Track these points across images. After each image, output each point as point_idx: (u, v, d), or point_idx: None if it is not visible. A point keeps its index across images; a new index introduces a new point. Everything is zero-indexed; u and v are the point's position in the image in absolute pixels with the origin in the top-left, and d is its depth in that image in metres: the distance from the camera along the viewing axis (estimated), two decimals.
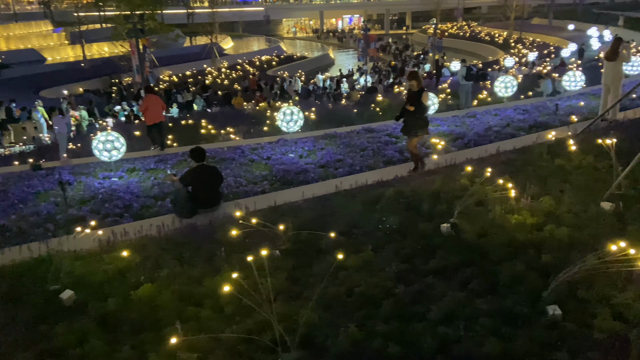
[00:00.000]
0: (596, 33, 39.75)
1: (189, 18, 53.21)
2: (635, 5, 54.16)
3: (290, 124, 12.63)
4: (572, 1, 66.31)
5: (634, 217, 5.16)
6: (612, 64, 10.18)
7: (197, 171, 7.36)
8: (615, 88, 10.18)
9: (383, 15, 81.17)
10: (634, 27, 41.24)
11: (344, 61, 49.45)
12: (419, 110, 7.95)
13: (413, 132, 8.11)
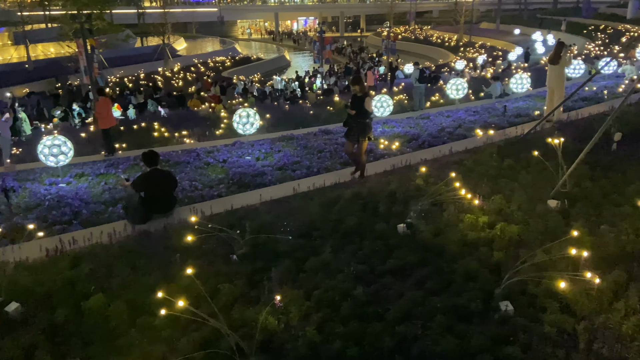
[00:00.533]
0: (540, 37, 41.56)
1: (140, 18, 51.74)
2: (577, 11, 57.06)
3: (247, 126, 12.51)
4: (518, 7, 69.18)
5: (577, 213, 5.41)
6: (556, 67, 10.65)
7: (150, 175, 7.15)
8: (559, 90, 10.66)
9: (338, 17, 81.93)
10: (575, 32, 43.48)
11: (300, 63, 49.54)
12: (362, 115, 7.90)
13: (356, 137, 8.05)
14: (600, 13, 52.57)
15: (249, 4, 79.42)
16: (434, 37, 57.14)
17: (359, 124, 7.97)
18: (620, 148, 7.37)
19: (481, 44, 48.17)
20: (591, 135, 6.98)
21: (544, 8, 68.42)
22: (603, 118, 9.52)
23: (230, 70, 38.36)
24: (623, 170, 6.48)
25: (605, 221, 5.12)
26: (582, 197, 5.83)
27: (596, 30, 41.26)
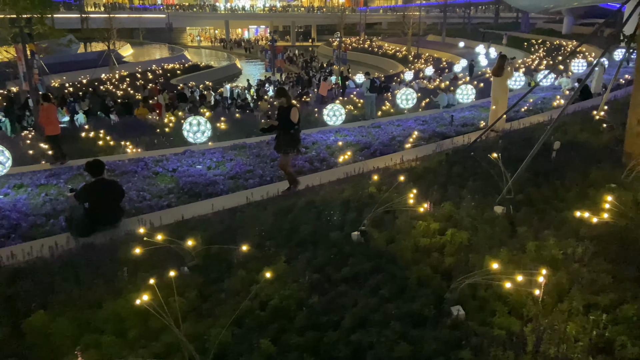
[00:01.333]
0: (483, 50, 43.43)
1: (84, 23, 49.89)
2: (516, 25, 60.05)
3: (198, 134, 12.29)
4: (462, 20, 72.04)
5: (522, 219, 5.63)
6: (499, 79, 11.13)
7: (95, 186, 6.85)
8: (502, 101, 11.14)
9: (289, 27, 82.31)
10: (515, 45, 45.67)
11: (252, 71, 49.30)
12: (288, 127, 7.79)
13: (284, 149, 7.91)
14: (538, 28, 55.60)
15: (199, 11, 78.32)
16: (384, 48, 58.43)
17: (286, 136, 7.84)
18: (559, 156, 7.75)
19: (428, 55, 49.68)
20: (532, 143, 7.32)
21: (486, 22, 71.62)
22: (543, 128, 10.02)
23: (179, 77, 37.63)
24: (562, 177, 6.81)
25: (548, 226, 5.35)
26: (526, 203, 6.07)
27: (534, 44, 43.52)
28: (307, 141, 12.34)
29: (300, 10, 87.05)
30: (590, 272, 4.34)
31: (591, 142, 8.63)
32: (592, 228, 5.17)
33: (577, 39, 41.16)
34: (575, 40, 40.39)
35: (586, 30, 45.83)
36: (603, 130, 9.40)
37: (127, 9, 67.48)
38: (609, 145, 8.34)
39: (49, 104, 11.65)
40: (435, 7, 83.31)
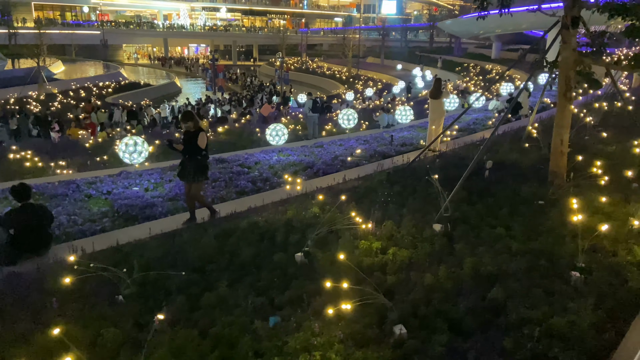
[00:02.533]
0: (420, 73, 45.21)
1: (11, 39, 47.29)
2: (450, 50, 63.20)
3: (134, 155, 11.84)
4: (399, 44, 74.89)
5: (459, 236, 5.83)
6: (436, 101, 11.60)
7: (21, 211, 6.40)
8: (439, 122, 11.59)
9: (230, 46, 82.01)
10: (449, 69, 47.97)
11: (192, 90, 48.53)
12: (195, 153, 7.35)
13: (190, 177, 7.40)
14: (470, 52, 58.77)
15: (136, 28, 76.33)
16: (325, 68, 59.47)
17: (192, 162, 7.37)
18: (492, 175, 8.14)
19: (368, 77, 51.07)
20: (467, 163, 7.65)
21: (422, 46, 74.83)
22: (476, 147, 10.51)
23: (115, 95, 36.36)
24: (495, 195, 7.14)
25: (483, 242, 5.57)
26: (462, 221, 6.30)
27: (467, 67, 45.92)
28: (250, 161, 12.24)
29: (242, 30, 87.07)
30: (524, 286, 4.53)
31: (520, 161, 9.13)
32: (523, 243, 5.43)
33: (505, 63, 43.86)
34: (503, 64, 43.00)
35: (513, 55, 48.94)
36: (530, 149, 9.98)
37: (58, 24, 64.69)
38: (536, 164, 8.86)
39: None
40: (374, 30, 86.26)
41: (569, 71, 7.14)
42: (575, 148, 8.62)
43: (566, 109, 7.35)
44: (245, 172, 11.26)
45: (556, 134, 7.51)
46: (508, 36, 47.86)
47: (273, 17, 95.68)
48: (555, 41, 7.53)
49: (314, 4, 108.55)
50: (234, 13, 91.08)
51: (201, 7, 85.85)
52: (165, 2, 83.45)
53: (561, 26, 7.09)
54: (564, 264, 4.93)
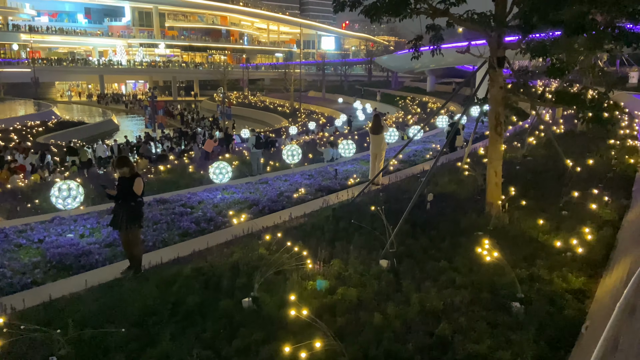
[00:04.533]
0: (360, 106, 46.52)
1: None
2: (388, 83, 65.71)
3: (68, 200, 11.27)
4: (339, 78, 77.10)
5: (405, 271, 5.91)
6: (377, 136, 11.92)
7: None
8: (381, 156, 11.89)
9: (170, 81, 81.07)
10: (387, 101, 49.72)
11: (130, 127, 47.27)
12: (130, 200, 7.04)
13: (123, 225, 7.02)
14: (406, 86, 61.41)
15: (70, 65, 73.93)
16: (267, 102, 59.94)
17: (126, 209, 7.03)
18: (433, 207, 8.39)
19: (310, 110, 51.92)
20: (409, 196, 7.86)
21: (361, 80, 77.39)
22: (417, 180, 10.84)
23: (47, 135, 34.76)
24: (437, 227, 7.35)
25: (428, 277, 5.67)
26: (407, 255, 6.41)
27: (404, 100, 47.79)
28: (193, 200, 11.96)
29: (182, 65, 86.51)
30: (469, 320, 4.63)
31: (458, 193, 9.49)
32: (466, 276, 5.58)
33: (439, 95, 46.11)
34: (438, 96, 45.15)
35: (447, 88, 51.59)
36: (467, 181, 10.40)
37: None
38: (473, 195, 9.23)
39: None
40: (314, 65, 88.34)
41: (498, 107, 7.58)
42: (508, 178, 9.06)
43: (497, 142, 7.76)
44: (188, 212, 10.97)
45: (490, 166, 7.89)
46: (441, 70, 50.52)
47: (214, 52, 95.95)
48: (484, 79, 8.00)
49: (255, 40, 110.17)
50: (173, 49, 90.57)
51: (139, 44, 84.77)
52: (100, 39, 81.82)
53: (488, 65, 7.55)
54: (505, 294, 5.10)
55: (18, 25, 72.48)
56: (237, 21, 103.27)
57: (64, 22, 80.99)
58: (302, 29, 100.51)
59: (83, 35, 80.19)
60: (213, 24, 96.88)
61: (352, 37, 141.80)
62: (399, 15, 7.40)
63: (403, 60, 53.21)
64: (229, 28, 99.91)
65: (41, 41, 75.83)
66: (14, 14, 72.66)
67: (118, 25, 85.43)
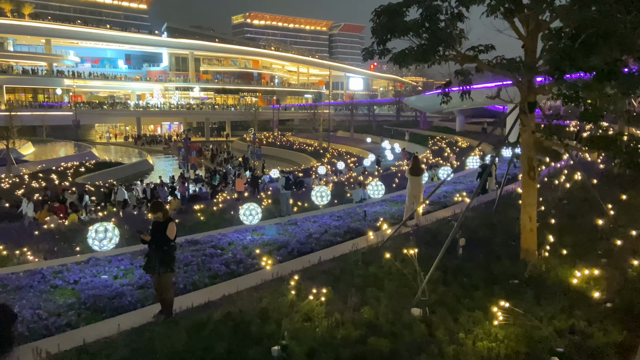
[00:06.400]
0: (389, 145, 46.61)
1: None
2: (416, 123, 65.89)
3: (104, 242, 11.55)
4: (367, 118, 77.84)
5: (438, 321, 5.77)
6: (418, 177, 11.96)
7: None
8: (419, 198, 11.87)
9: (203, 122, 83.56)
10: (416, 141, 49.69)
11: (165, 167, 48.54)
12: (163, 244, 7.16)
13: (155, 269, 7.14)
14: (435, 126, 61.34)
15: (109, 108, 77.39)
16: (296, 143, 60.78)
17: (159, 254, 7.14)
18: (465, 252, 8.22)
19: (339, 150, 52.31)
20: (440, 239, 7.74)
21: (389, 120, 77.94)
22: (449, 223, 10.69)
23: (86, 175, 36.01)
24: (470, 274, 7.18)
25: (462, 327, 5.52)
26: (440, 304, 6.27)
27: (433, 139, 47.69)
28: (223, 241, 12.07)
29: (215, 107, 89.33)
30: None
31: (491, 238, 9.29)
32: (501, 327, 5.40)
33: (469, 135, 45.82)
34: (467, 136, 44.88)
35: (476, 127, 51.28)
36: (500, 224, 10.19)
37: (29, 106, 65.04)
38: (507, 240, 9.01)
39: None
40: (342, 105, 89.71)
41: (530, 152, 7.50)
42: (544, 223, 8.85)
43: (531, 187, 7.64)
44: (218, 253, 11.06)
45: (524, 212, 7.74)
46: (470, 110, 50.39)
47: (245, 94, 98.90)
48: (515, 123, 7.96)
49: (285, 82, 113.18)
50: (207, 92, 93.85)
51: (175, 87, 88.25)
52: (139, 83, 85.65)
53: (519, 110, 7.53)
54: (543, 348, 4.90)
55: (62, 71, 76.72)
56: (269, 64, 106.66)
57: (105, 67, 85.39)
58: (331, 70, 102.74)
59: (123, 80, 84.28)
60: (245, 67, 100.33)
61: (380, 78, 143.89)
62: (427, 62, 7.51)
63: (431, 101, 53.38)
64: (261, 71, 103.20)
65: (83, 86, 79.94)
66: (58, 61, 77.09)
67: (156, 70, 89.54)
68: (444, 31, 7.13)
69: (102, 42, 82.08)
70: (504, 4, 6.80)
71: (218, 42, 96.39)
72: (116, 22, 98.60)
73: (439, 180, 20.16)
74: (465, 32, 7.47)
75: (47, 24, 74.76)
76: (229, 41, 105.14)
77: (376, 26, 7.59)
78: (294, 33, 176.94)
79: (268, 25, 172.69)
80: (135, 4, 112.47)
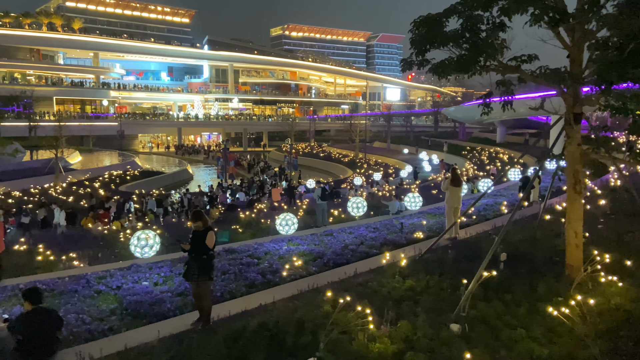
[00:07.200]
0: (426, 157, 46.06)
1: (32, 131, 49.50)
2: (455, 134, 64.85)
3: (146, 249, 11.86)
4: (405, 129, 77.22)
5: (477, 338, 5.61)
6: (459, 189, 11.79)
7: (31, 317, 6.29)
8: (458, 209, 11.68)
9: (241, 133, 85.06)
10: (455, 152, 48.86)
11: (203, 177, 49.55)
12: (202, 252, 7.26)
13: (194, 276, 7.25)
14: (475, 137, 60.23)
15: (152, 119, 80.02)
16: (333, 153, 60.90)
17: (198, 262, 7.25)
18: (506, 267, 7.98)
19: (375, 161, 52.08)
20: (479, 254, 7.55)
21: (427, 131, 77.04)
22: (489, 237, 10.42)
23: (129, 184, 37.16)
24: (511, 291, 6.96)
25: (503, 345, 5.34)
26: (480, 320, 6.10)
27: (473, 151, 46.77)
28: (260, 251, 12.18)
29: (253, 118, 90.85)
30: None
31: (534, 253, 8.99)
32: (545, 347, 5.20)
33: (510, 147, 44.73)
34: (508, 148, 43.79)
35: (518, 139, 50.06)
36: (544, 239, 9.87)
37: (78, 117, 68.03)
38: (551, 256, 8.71)
39: None
40: (379, 116, 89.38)
41: (576, 165, 7.25)
42: (590, 238, 8.51)
43: (576, 201, 7.37)
44: (254, 263, 11.16)
45: (569, 227, 7.46)
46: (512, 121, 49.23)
47: (282, 105, 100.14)
48: (560, 135, 7.71)
49: (322, 93, 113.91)
50: (245, 103, 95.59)
51: (214, 98, 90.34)
52: (181, 95, 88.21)
53: (564, 122, 7.30)
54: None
55: (108, 83, 79.97)
56: (306, 75, 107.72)
57: (149, 79, 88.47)
58: (367, 81, 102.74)
59: (165, 92, 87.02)
60: (283, 78, 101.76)
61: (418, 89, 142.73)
62: (467, 72, 7.39)
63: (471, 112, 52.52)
64: (298, 82, 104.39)
65: (128, 97, 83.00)
66: (105, 73, 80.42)
67: (196, 82, 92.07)
68: (485, 41, 7.01)
69: (146, 55, 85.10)
70: (548, 13, 6.64)
71: (256, 54, 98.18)
72: (160, 35, 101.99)
73: (478, 193, 19.78)
74: (507, 42, 7.32)
75: (95, 38, 78.11)
76: (267, 53, 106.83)
77: (415, 37, 7.54)
78: (331, 44, 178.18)
79: (306, 37, 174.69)
80: (178, 18, 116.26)
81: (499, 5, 6.91)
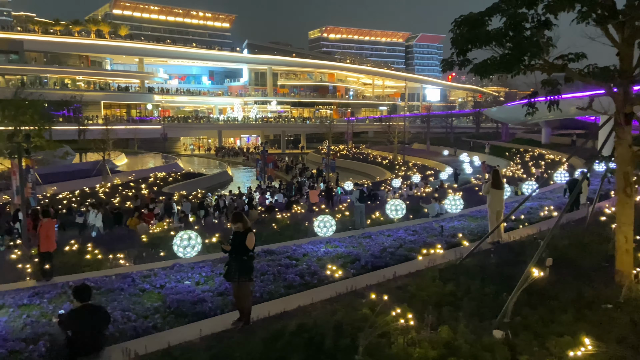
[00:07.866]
0: (467, 158, 45.10)
1: (81, 135, 51.67)
2: (497, 135, 63.25)
3: (188, 249, 12.15)
4: (444, 130, 76.00)
5: (522, 345, 5.44)
6: (501, 191, 11.50)
7: (80, 313, 6.57)
8: (502, 212, 11.39)
9: (280, 135, 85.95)
10: (497, 154, 47.64)
11: (242, 179, 50.33)
12: (241, 254, 7.38)
13: (235, 277, 7.39)
14: (518, 138, 58.56)
15: (194, 122, 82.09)
16: (370, 155, 60.57)
17: (238, 263, 7.37)
18: (551, 273, 7.70)
19: (414, 163, 51.44)
20: (523, 259, 7.33)
21: (468, 132, 75.51)
22: (534, 241, 10.10)
23: (172, 185, 38.19)
24: (557, 297, 6.73)
25: (549, 353, 5.17)
26: (524, 327, 5.92)
27: (516, 153, 45.45)
28: (298, 253, 12.25)
29: (291, 120, 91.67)
30: None
31: (581, 258, 8.66)
32: (594, 356, 5.00)
33: (556, 148, 43.24)
34: (554, 149, 42.35)
35: (564, 140, 48.34)
36: (592, 244, 9.49)
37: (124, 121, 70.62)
38: (599, 261, 8.37)
39: (48, 220, 11.59)
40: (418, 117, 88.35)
41: (626, 167, 6.94)
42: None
43: (627, 205, 7.05)
44: (293, 264, 11.23)
45: (619, 231, 7.15)
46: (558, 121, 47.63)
47: (320, 107, 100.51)
48: (609, 136, 7.41)
49: (360, 95, 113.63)
50: (283, 105, 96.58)
51: (253, 101, 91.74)
52: (221, 98, 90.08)
53: (614, 122, 7.00)
54: None
55: (152, 87, 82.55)
56: (344, 77, 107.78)
57: (190, 84, 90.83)
58: (406, 82, 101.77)
59: (206, 95, 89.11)
60: (321, 81, 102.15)
61: (458, 89, 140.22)
62: (511, 72, 7.21)
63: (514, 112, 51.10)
64: (336, 84, 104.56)
65: (171, 101, 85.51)
66: (149, 78, 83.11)
67: (236, 85, 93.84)
68: (529, 40, 6.82)
69: (188, 60, 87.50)
70: (596, 10, 6.39)
71: (295, 57, 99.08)
72: (201, 40, 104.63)
73: (523, 196, 19.20)
74: (552, 40, 7.09)
75: (141, 44, 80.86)
76: (305, 55, 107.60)
77: (456, 37, 7.41)
78: (369, 45, 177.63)
79: (344, 38, 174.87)
80: (218, 23, 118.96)
81: (544, 3, 6.71)
